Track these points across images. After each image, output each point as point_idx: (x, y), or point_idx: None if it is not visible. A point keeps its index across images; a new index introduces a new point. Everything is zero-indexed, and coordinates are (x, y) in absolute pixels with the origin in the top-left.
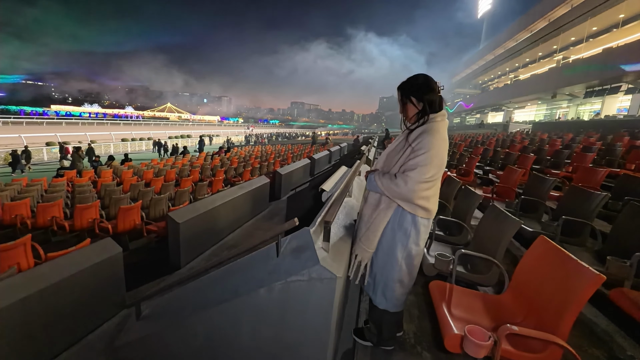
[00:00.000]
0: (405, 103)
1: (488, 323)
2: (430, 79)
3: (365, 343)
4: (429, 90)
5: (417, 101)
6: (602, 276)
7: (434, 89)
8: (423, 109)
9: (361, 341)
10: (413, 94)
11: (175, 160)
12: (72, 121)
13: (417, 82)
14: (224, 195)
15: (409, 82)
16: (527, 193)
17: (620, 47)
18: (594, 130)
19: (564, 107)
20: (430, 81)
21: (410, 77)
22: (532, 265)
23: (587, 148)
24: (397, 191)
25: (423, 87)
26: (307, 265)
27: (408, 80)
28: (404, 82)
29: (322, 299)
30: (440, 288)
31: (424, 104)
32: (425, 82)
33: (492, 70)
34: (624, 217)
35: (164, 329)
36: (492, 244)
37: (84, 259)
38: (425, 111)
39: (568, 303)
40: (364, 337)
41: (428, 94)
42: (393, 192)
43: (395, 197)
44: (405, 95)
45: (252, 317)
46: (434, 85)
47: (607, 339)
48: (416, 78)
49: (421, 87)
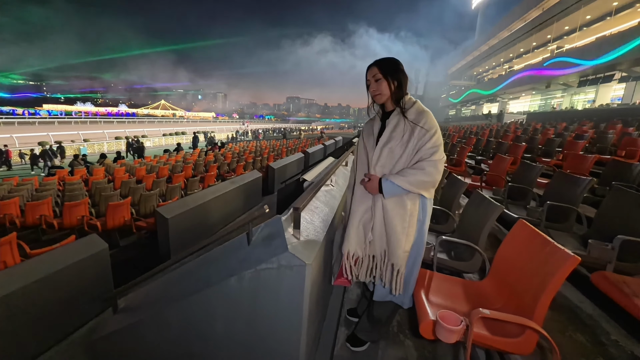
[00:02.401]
0: (381, 80)
1: (467, 309)
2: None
3: (362, 348)
4: (404, 71)
5: (392, 80)
6: (577, 258)
7: (405, 72)
8: (401, 89)
9: (358, 348)
10: (392, 73)
11: (169, 157)
12: (64, 120)
13: (395, 62)
14: (215, 190)
15: (388, 60)
16: (515, 180)
17: (613, 35)
18: (587, 119)
19: (558, 97)
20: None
21: (385, 57)
22: (512, 250)
23: (579, 136)
24: (430, 181)
25: (401, 68)
26: (277, 252)
27: (386, 59)
28: (382, 60)
29: (292, 287)
30: (420, 275)
31: (400, 84)
32: (400, 64)
33: (487, 61)
34: (608, 201)
35: (139, 321)
36: (475, 230)
37: (69, 255)
38: (403, 92)
39: (544, 286)
40: (360, 343)
41: (405, 75)
42: (424, 185)
43: (426, 187)
44: (385, 72)
45: (225, 307)
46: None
47: (591, 324)
48: (393, 59)
49: (399, 68)
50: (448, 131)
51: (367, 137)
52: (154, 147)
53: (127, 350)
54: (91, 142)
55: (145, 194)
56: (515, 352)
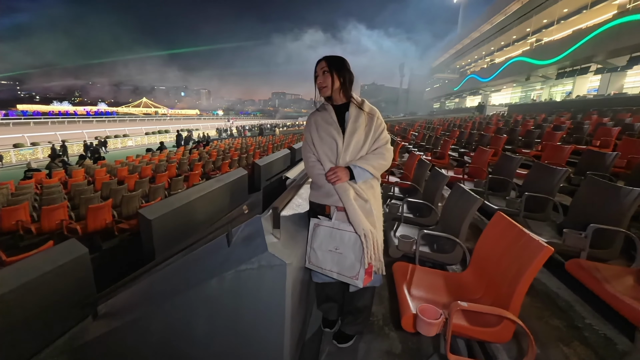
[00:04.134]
0: (327, 74)
1: (448, 301)
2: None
3: (349, 343)
4: (349, 70)
5: (338, 75)
6: (551, 248)
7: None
8: (347, 86)
9: (345, 344)
10: (338, 69)
11: (152, 157)
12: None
13: (343, 60)
14: (200, 189)
15: (336, 57)
16: (495, 172)
17: (589, 28)
18: (565, 110)
19: (538, 89)
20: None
21: (335, 55)
22: (490, 242)
23: (557, 127)
24: (386, 164)
25: (347, 67)
26: (257, 252)
27: (335, 56)
28: (331, 56)
29: (273, 287)
30: (402, 269)
31: (344, 80)
32: (347, 62)
33: (469, 54)
34: (582, 191)
35: (120, 326)
36: (456, 223)
37: (46, 261)
38: (348, 88)
39: (520, 276)
40: (347, 338)
41: (350, 73)
42: (383, 168)
43: (383, 170)
44: (332, 67)
45: (206, 308)
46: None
47: (567, 309)
48: (341, 57)
49: (345, 66)
50: (433, 124)
51: (327, 125)
52: (137, 146)
53: (110, 355)
54: (70, 142)
55: (128, 195)
56: (494, 340)
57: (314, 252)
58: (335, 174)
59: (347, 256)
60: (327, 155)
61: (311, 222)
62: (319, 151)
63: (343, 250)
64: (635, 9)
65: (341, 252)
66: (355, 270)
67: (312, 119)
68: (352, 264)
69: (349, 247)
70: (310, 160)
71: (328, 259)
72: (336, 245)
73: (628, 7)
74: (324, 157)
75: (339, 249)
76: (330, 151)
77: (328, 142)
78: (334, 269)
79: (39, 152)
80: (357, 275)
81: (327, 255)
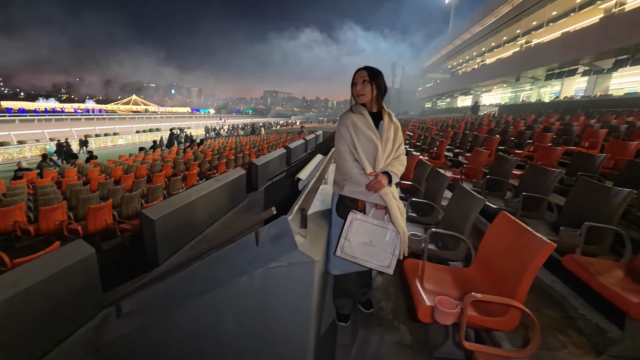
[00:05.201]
0: (367, 83)
1: (456, 294)
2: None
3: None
4: (384, 81)
5: (376, 85)
6: (553, 244)
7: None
8: (381, 95)
9: (372, 309)
10: (377, 80)
11: (145, 156)
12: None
13: (380, 72)
14: (200, 189)
15: (375, 69)
16: (492, 173)
17: (576, 31)
18: (554, 111)
19: (527, 90)
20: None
21: (373, 66)
22: (494, 239)
23: (547, 128)
24: (403, 170)
25: (383, 78)
26: (286, 251)
27: (374, 67)
28: (371, 67)
29: (301, 283)
30: (413, 265)
31: (380, 90)
32: (382, 74)
33: (460, 55)
34: (575, 191)
35: (146, 323)
36: (460, 222)
37: (55, 262)
38: (382, 97)
39: (524, 270)
40: (371, 304)
41: (385, 84)
42: (401, 173)
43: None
44: (372, 77)
45: (235, 305)
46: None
47: (562, 301)
48: (378, 69)
49: (382, 77)
50: (426, 124)
51: (367, 130)
52: (127, 145)
53: (135, 352)
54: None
55: (127, 195)
56: (501, 329)
57: (349, 243)
58: (379, 182)
59: (381, 249)
60: (367, 158)
61: (349, 215)
62: (360, 152)
63: (377, 244)
64: (620, 13)
65: (375, 245)
66: (388, 261)
67: (349, 120)
68: (386, 256)
69: (385, 242)
70: (349, 159)
71: (362, 250)
72: (371, 238)
73: (614, 11)
74: (365, 159)
75: (373, 241)
76: (369, 155)
77: (368, 146)
78: (369, 259)
79: (26, 151)
80: (390, 264)
81: (362, 247)
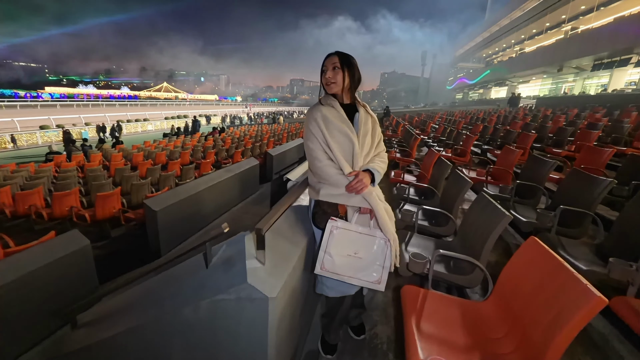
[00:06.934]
0: (338, 70)
1: (464, 337)
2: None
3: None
4: (358, 69)
5: (349, 73)
6: (604, 299)
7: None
8: (355, 86)
9: (364, 334)
10: (349, 66)
11: (168, 142)
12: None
13: (353, 58)
14: (209, 179)
15: (348, 54)
16: (524, 176)
17: (632, 15)
18: (600, 105)
19: (570, 81)
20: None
21: (345, 52)
22: (521, 270)
23: (592, 125)
24: (385, 169)
25: (356, 65)
26: (235, 282)
27: (346, 53)
28: (343, 52)
29: (254, 322)
30: (412, 295)
31: (354, 80)
32: (356, 61)
33: (496, 42)
34: (632, 208)
35: (97, 342)
36: (478, 240)
37: (46, 254)
38: (355, 88)
39: (560, 323)
40: (364, 328)
41: (359, 73)
42: (384, 171)
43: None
44: (344, 63)
45: (182, 337)
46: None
47: (602, 345)
48: (351, 55)
49: (355, 64)
50: (454, 116)
51: (340, 123)
52: (156, 131)
53: None
54: (93, 125)
55: (137, 183)
56: None
57: (329, 257)
58: (361, 181)
59: (369, 261)
60: (344, 156)
61: (329, 223)
62: (334, 150)
63: (364, 255)
64: None
65: (361, 257)
66: (378, 275)
67: (318, 113)
68: (375, 269)
69: (373, 252)
70: (322, 158)
71: (346, 264)
72: (356, 249)
73: None
74: (341, 157)
75: (358, 253)
76: (346, 152)
77: (343, 142)
78: (354, 275)
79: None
80: (380, 279)
81: (345, 260)
